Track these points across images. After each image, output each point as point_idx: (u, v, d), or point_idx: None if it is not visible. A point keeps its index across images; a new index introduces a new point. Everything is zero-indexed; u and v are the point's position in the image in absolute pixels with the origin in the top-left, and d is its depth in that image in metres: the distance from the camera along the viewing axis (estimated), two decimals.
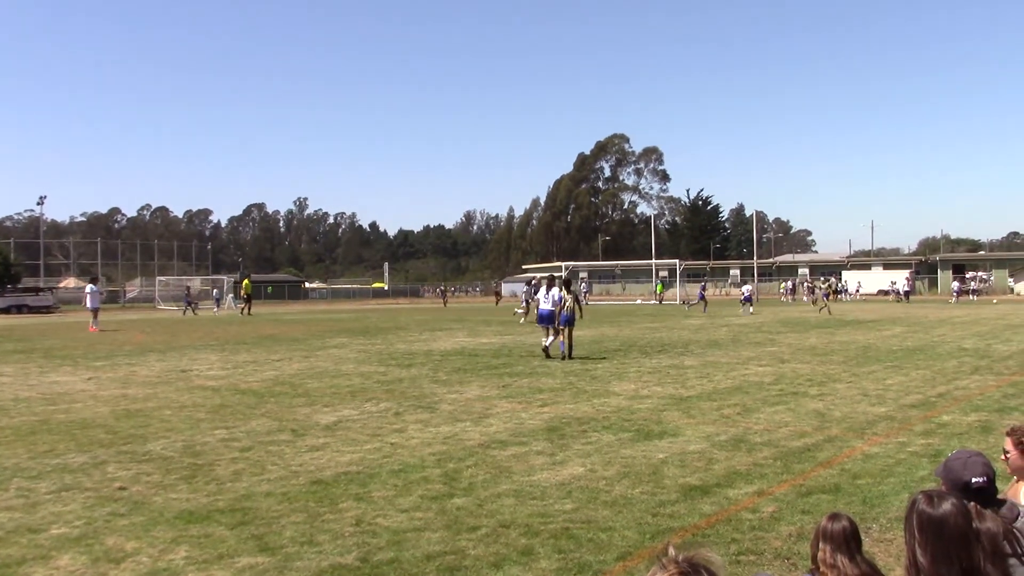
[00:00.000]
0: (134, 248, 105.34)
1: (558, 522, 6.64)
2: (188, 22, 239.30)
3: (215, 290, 59.15)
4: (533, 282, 45.40)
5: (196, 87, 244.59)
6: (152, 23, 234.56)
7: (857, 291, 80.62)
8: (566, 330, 20.46)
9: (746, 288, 51.66)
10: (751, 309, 46.86)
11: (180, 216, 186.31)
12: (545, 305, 21.47)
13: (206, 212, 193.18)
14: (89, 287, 35.02)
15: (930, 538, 3.09)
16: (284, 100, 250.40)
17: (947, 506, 3.11)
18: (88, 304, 34.11)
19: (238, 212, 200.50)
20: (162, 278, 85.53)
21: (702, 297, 53.59)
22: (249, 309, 51.88)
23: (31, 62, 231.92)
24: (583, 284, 79.49)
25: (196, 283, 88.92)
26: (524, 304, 43.08)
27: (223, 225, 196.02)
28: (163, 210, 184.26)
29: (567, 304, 20.73)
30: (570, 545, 6.08)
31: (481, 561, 5.78)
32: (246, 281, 56.42)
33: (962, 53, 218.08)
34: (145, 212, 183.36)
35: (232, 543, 6.25)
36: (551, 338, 20.79)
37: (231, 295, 59.56)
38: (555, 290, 21.56)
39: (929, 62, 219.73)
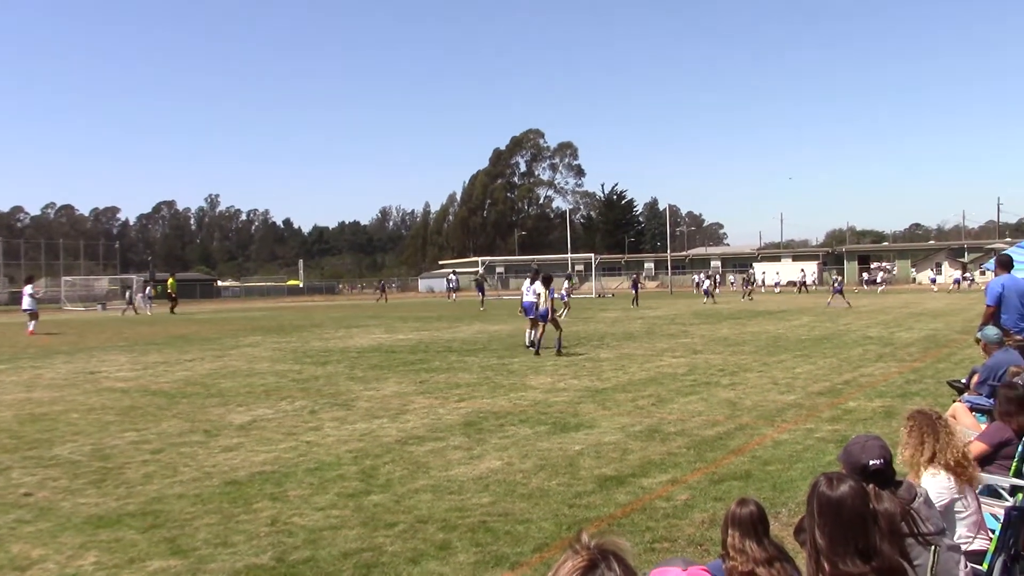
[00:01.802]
0: (38, 248, 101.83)
1: (475, 516, 6.67)
2: (93, 15, 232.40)
3: (148, 288, 57.53)
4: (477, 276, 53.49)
5: (101, 81, 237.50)
6: (53, 13, 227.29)
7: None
8: (542, 325, 20.56)
9: (706, 281, 57.12)
10: (714, 300, 51.71)
11: (86, 214, 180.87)
12: (528, 297, 21.93)
13: (113, 210, 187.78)
14: (26, 288, 33.36)
15: (828, 519, 3.18)
16: (194, 95, 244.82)
17: (845, 488, 3.20)
18: (24, 306, 32.55)
19: (147, 210, 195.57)
20: (68, 278, 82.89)
21: (708, 292, 54.96)
22: (173, 308, 51.07)
23: None
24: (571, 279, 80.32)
25: (104, 282, 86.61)
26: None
27: (131, 223, 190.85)
28: (68, 208, 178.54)
29: (543, 299, 20.87)
30: (487, 538, 6.11)
31: (398, 557, 5.78)
32: (171, 280, 55.62)
33: (864, 54, 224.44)
34: (50, 210, 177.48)
35: (143, 547, 6.12)
36: (533, 331, 21.14)
37: (140, 294, 58.04)
38: (537, 283, 21.93)
39: (832, 62, 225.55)
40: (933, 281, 72.08)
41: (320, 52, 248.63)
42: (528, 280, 22.56)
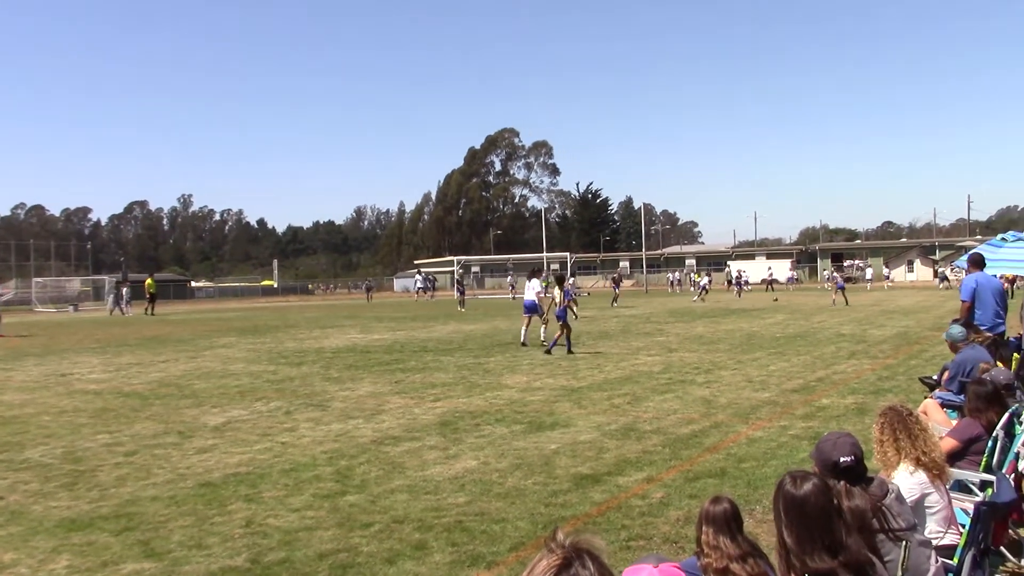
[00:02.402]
0: (8, 248, 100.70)
1: (451, 515, 6.67)
2: (62, 12, 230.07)
3: (125, 290, 56.89)
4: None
5: (71, 79, 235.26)
6: (22, 11, 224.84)
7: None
8: (560, 324, 19.90)
9: (705, 279, 56.34)
10: (703, 299, 50.43)
11: (57, 215, 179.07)
12: (529, 296, 22.03)
13: (85, 210, 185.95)
14: None
15: (794, 518, 3.21)
16: (167, 94, 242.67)
17: (808, 486, 3.23)
18: None
19: (119, 210, 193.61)
20: (39, 279, 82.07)
21: (704, 288, 54.30)
22: (152, 309, 50.90)
23: None
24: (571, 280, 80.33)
25: (76, 283, 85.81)
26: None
27: (103, 224, 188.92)
28: (39, 208, 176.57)
29: (558, 299, 20.32)
30: (463, 538, 6.12)
31: (374, 558, 5.77)
32: (149, 280, 55.49)
33: (837, 54, 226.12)
34: (19, 211, 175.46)
35: (117, 550, 6.08)
36: (527, 330, 21.39)
37: (112, 295, 57.50)
38: (535, 281, 22.25)
39: (805, 63, 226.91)
40: (887, 277, 72.59)
41: (293, 51, 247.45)
42: (526, 278, 22.67)
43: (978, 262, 11.30)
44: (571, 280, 44.00)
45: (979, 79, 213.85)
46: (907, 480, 4.50)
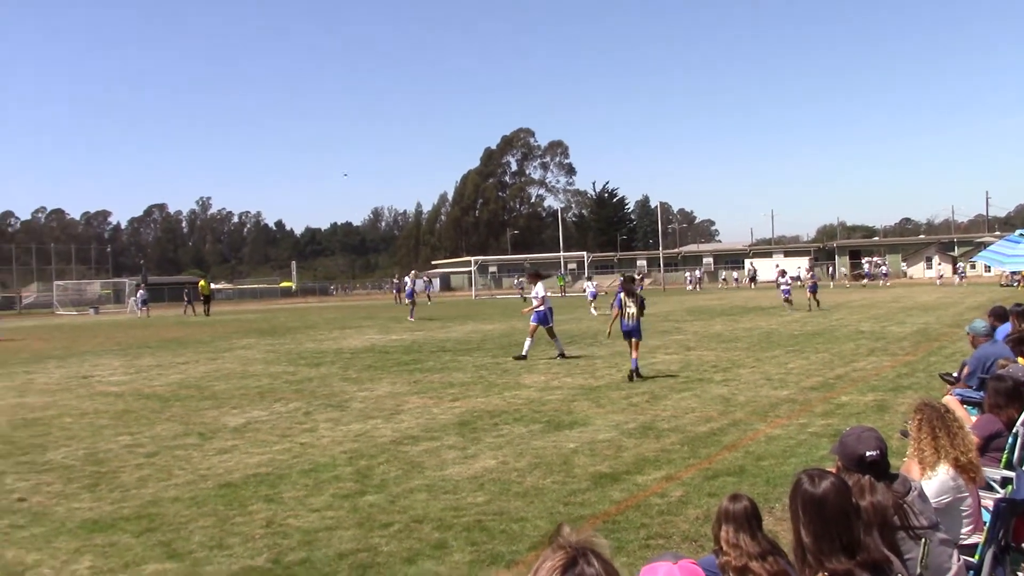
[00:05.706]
0: (29, 252, 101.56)
1: (471, 515, 6.68)
2: (82, 15, 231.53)
3: (140, 291, 57.57)
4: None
5: (88, 85, 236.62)
6: (38, 16, 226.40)
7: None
8: (634, 342, 15.09)
9: (785, 284, 39.89)
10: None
11: (77, 218, 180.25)
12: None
13: (105, 214, 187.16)
14: None
15: (812, 517, 3.19)
16: (184, 96, 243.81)
17: (826, 484, 3.20)
18: None
19: (138, 213, 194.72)
20: (60, 283, 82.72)
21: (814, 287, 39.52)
22: (208, 310, 52.60)
23: None
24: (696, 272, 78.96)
25: (96, 287, 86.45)
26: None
27: (123, 227, 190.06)
28: (59, 212, 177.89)
29: (631, 312, 15.25)
30: (483, 537, 6.13)
31: (394, 557, 5.79)
32: (203, 282, 59.65)
33: (854, 52, 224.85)
34: (40, 215, 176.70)
35: (139, 551, 6.13)
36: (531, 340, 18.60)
37: (132, 298, 58.16)
38: (537, 286, 19.47)
39: (822, 61, 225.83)
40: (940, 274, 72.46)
41: (310, 54, 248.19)
42: (525, 279, 20.75)
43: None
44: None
45: (997, 75, 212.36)
46: (947, 484, 4.38)
